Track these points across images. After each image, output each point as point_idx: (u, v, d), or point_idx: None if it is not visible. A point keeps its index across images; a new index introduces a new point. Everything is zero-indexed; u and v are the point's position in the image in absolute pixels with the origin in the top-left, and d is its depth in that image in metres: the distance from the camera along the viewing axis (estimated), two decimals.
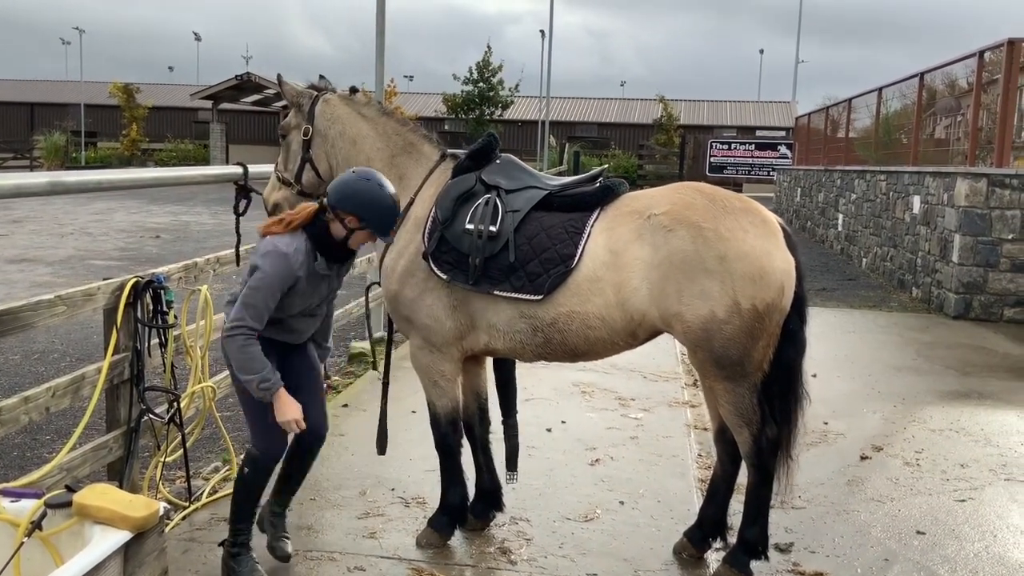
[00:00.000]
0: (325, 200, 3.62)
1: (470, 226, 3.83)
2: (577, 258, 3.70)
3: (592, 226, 3.77)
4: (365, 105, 4.30)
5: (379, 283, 4.17)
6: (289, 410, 3.54)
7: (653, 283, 3.62)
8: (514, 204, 3.87)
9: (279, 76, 4.28)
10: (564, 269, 3.70)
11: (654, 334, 3.81)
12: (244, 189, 4.74)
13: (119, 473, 4.37)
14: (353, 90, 4.40)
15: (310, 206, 3.66)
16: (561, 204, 3.87)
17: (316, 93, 4.26)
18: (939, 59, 14.14)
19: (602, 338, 3.74)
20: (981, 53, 11.81)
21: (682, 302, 3.59)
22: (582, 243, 3.72)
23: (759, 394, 3.74)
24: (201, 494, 4.64)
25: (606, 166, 4.69)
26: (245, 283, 3.54)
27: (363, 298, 4.98)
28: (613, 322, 3.70)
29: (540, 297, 3.72)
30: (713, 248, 3.57)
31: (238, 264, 5.50)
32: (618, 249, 3.69)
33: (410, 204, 4.08)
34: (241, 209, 4.72)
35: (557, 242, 3.74)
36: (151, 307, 4.41)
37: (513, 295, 3.76)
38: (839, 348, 8.88)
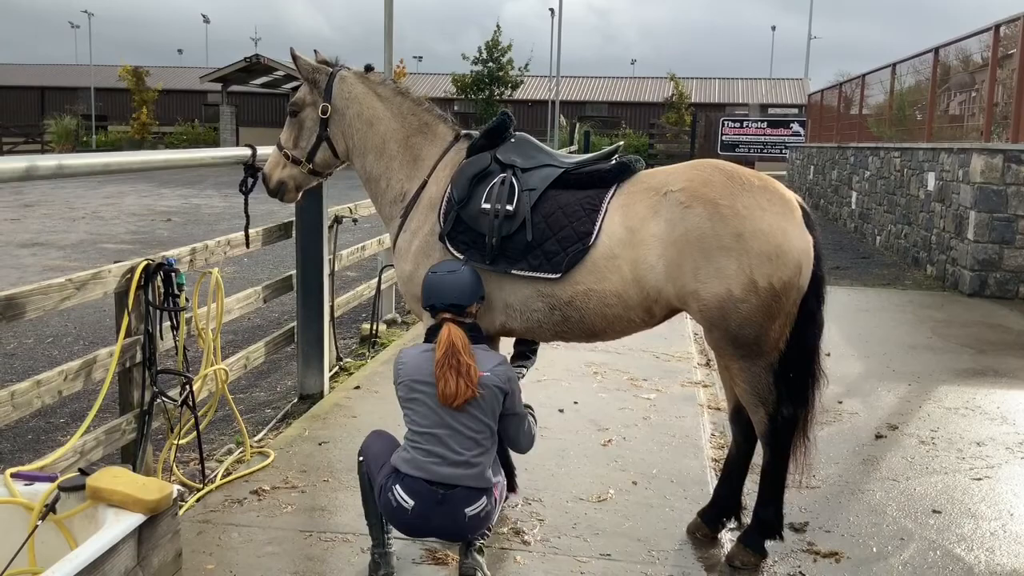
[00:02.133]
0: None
1: (486, 205, 3.80)
2: (594, 235, 3.67)
3: (609, 203, 3.73)
4: (380, 84, 4.24)
5: (393, 265, 4.15)
6: None
7: (670, 260, 3.59)
8: (530, 183, 3.84)
9: (292, 51, 4.20)
10: (582, 247, 3.67)
11: (671, 312, 3.78)
12: (253, 169, 4.72)
13: (132, 456, 4.39)
14: (368, 68, 4.34)
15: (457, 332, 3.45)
16: (577, 182, 3.84)
17: (332, 69, 4.20)
18: (954, 34, 13.97)
19: (619, 315, 3.72)
20: (997, 27, 11.65)
21: (698, 279, 3.56)
22: (599, 220, 3.69)
23: (775, 374, 3.71)
24: (215, 476, 4.65)
25: (621, 143, 4.65)
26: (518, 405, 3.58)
27: (374, 280, 4.95)
28: (630, 299, 3.67)
29: (558, 275, 3.69)
30: (730, 225, 3.53)
31: (247, 246, 5.49)
32: (635, 226, 3.65)
33: (423, 185, 4.05)
34: (248, 186, 4.69)
35: (574, 220, 3.71)
36: (162, 290, 4.40)
37: (530, 274, 3.73)
38: (853, 327, 8.82)
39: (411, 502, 3.36)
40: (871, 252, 14.86)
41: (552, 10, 41.67)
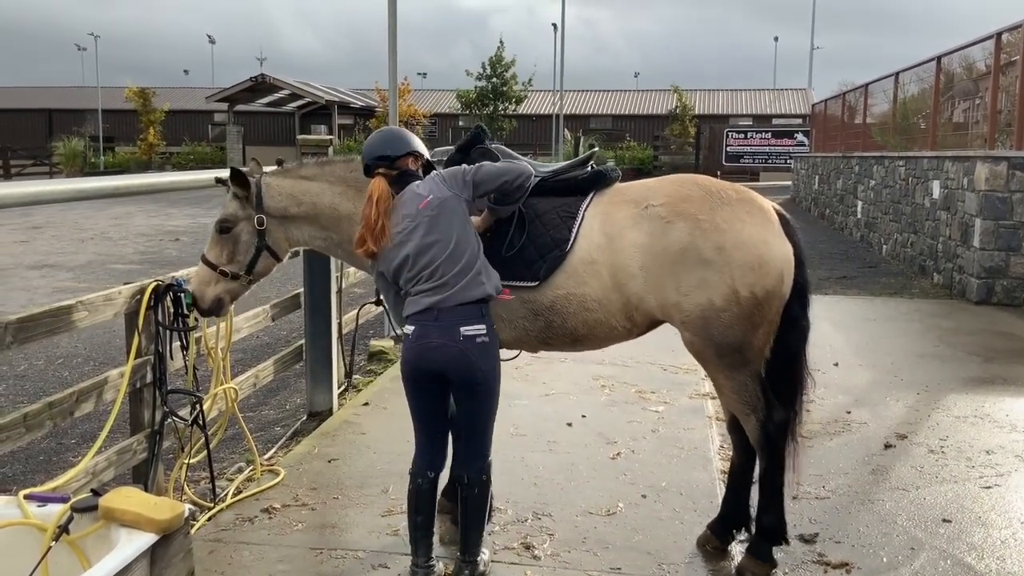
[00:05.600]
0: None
1: None
2: (571, 241, 3.76)
3: (586, 210, 3.83)
4: (301, 167, 4.22)
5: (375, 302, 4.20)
6: None
7: (650, 272, 3.67)
8: None
9: (233, 169, 4.06)
10: (559, 253, 3.75)
11: (653, 323, 3.86)
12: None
13: (144, 476, 4.41)
14: (280, 162, 4.46)
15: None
16: (553, 190, 3.93)
17: (254, 180, 4.09)
18: (956, 43, 14.00)
19: (600, 320, 3.79)
20: (999, 35, 11.67)
21: (680, 292, 3.65)
22: (576, 226, 3.78)
23: (762, 380, 3.77)
24: (226, 495, 4.67)
25: (596, 148, 4.72)
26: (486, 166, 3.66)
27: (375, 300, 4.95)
28: (610, 304, 3.75)
29: (537, 283, 3.76)
30: (711, 239, 3.63)
31: None
32: (614, 234, 3.74)
33: None
34: None
35: (551, 228, 3.80)
36: (172, 310, 4.44)
37: (511, 283, 3.79)
38: (860, 336, 8.82)
39: (412, 328, 3.56)
40: (877, 261, 14.84)
41: (555, 25, 41.76)
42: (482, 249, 3.64)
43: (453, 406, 3.71)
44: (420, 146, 3.77)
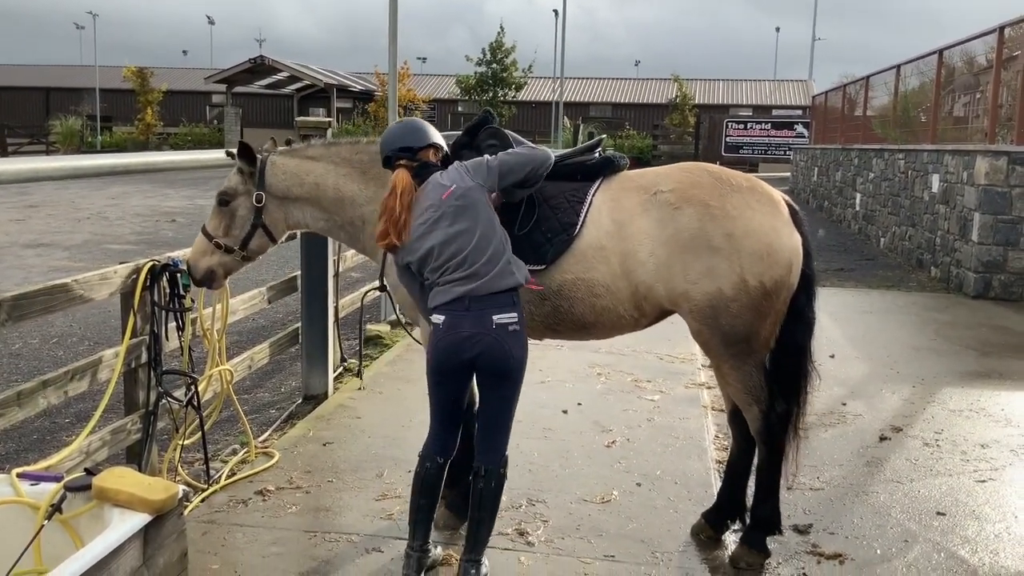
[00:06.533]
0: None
1: None
2: (579, 226, 3.72)
3: (594, 196, 3.79)
4: (307, 148, 4.22)
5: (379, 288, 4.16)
6: None
7: (659, 260, 3.65)
8: None
9: (242, 142, 4.06)
10: (566, 237, 3.72)
11: (662, 314, 3.83)
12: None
13: (138, 456, 4.41)
14: (288, 142, 4.43)
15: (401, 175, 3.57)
16: (561, 174, 3.89)
17: (261, 157, 4.09)
18: (956, 37, 13.95)
19: (608, 308, 3.75)
20: (1001, 29, 11.63)
21: (688, 280, 3.62)
22: (583, 211, 3.75)
23: (766, 371, 3.77)
24: (220, 476, 4.66)
25: (603, 136, 4.68)
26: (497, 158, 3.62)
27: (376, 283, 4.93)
28: (619, 291, 3.72)
29: (543, 266, 3.73)
30: (721, 226, 3.60)
31: None
32: (623, 220, 3.71)
33: None
34: None
35: (558, 211, 3.77)
36: (168, 291, 4.42)
37: None
38: (857, 329, 8.82)
39: (442, 317, 3.46)
40: (875, 254, 14.83)
41: (556, 11, 41.58)
42: (508, 238, 3.57)
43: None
44: (440, 139, 3.72)
